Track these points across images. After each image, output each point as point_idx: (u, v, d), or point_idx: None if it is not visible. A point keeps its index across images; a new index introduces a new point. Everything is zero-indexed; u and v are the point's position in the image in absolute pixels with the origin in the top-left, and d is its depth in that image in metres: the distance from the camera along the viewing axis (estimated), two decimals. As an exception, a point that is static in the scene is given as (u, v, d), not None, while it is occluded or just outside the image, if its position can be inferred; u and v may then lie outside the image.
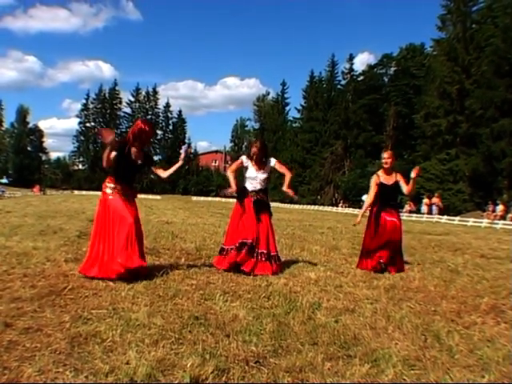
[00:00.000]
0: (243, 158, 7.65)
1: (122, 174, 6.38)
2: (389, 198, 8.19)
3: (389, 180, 8.18)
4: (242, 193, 7.47)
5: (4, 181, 60.19)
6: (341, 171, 76.76)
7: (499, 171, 43.55)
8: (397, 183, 8.18)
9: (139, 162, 6.46)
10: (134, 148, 6.37)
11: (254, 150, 7.53)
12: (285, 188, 7.61)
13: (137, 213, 6.40)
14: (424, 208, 40.99)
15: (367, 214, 8.39)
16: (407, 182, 8.18)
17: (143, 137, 6.40)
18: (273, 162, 7.61)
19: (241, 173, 7.84)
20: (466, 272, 8.20)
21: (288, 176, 7.67)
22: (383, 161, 8.26)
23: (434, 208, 39.65)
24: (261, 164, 7.53)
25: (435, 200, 40.29)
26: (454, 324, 4.75)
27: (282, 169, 7.66)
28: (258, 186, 7.49)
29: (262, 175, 7.50)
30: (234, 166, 7.83)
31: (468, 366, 3.59)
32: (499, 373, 3.46)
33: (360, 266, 8.14)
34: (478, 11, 53.62)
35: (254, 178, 7.47)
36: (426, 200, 41.58)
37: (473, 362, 3.67)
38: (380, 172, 8.31)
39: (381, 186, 8.15)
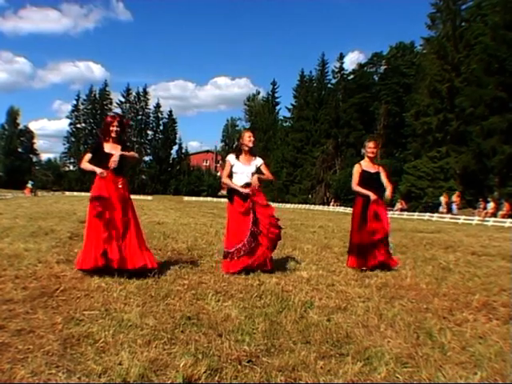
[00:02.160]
0: (229, 158, 7.51)
1: (104, 168, 6.54)
2: (373, 186, 7.96)
3: (371, 168, 8.09)
4: (232, 192, 7.39)
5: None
6: (332, 170, 76.83)
7: (490, 169, 43.69)
8: (379, 173, 8.10)
9: (114, 152, 6.63)
10: (106, 143, 6.71)
11: (249, 139, 7.42)
12: (256, 176, 7.38)
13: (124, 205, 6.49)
14: (443, 207, 38.08)
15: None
16: (388, 178, 8.17)
17: (110, 128, 6.70)
18: (260, 161, 7.54)
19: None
20: (457, 269, 8.24)
21: (268, 176, 7.63)
22: (368, 150, 8.14)
23: (455, 207, 37.37)
24: (250, 156, 7.47)
25: (455, 199, 38.30)
26: (446, 321, 4.77)
27: (266, 171, 7.61)
28: (246, 180, 7.34)
29: (251, 169, 7.39)
30: (227, 171, 7.54)
31: (460, 362, 3.61)
32: (491, 369, 3.47)
33: (351, 264, 8.07)
34: (467, 9, 53.78)
35: (242, 173, 7.36)
36: (444, 198, 39.07)
37: (465, 358, 3.69)
38: (362, 161, 8.21)
39: (364, 173, 8.03)
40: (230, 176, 7.53)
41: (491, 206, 34.51)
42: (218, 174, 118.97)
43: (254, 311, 4.82)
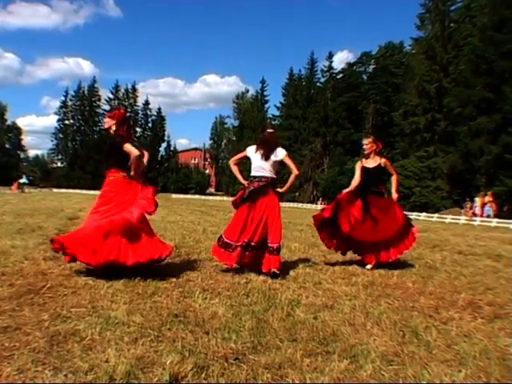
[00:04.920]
0: (250, 149, 7.30)
1: (125, 165, 6.54)
2: (370, 182, 8.11)
3: (371, 163, 8.17)
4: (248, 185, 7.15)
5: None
6: (320, 169, 77.11)
7: (477, 168, 44.05)
8: (379, 167, 8.15)
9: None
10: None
11: (270, 135, 7.34)
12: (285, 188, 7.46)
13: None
14: (478, 209, 33.10)
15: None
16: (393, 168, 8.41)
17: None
18: (282, 153, 7.32)
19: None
20: (443, 268, 8.28)
21: (293, 172, 7.49)
22: (363, 147, 8.28)
23: (488, 209, 32.50)
24: (269, 152, 7.20)
25: (489, 199, 33.25)
26: (432, 319, 4.79)
27: (290, 163, 7.44)
28: (267, 174, 7.17)
29: (267, 163, 7.16)
30: (238, 156, 7.51)
31: (445, 360, 3.63)
32: (476, 367, 3.50)
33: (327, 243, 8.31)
34: (456, 10, 54.27)
35: (260, 167, 7.17)
36: (479, 199, 33.73)
37: (450, 356, 3.71)
38: (363, 159, 8.36)
39: (363, 169, 8.16)
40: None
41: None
42: (207, 171, 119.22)
43: (240, 309, 4.82)
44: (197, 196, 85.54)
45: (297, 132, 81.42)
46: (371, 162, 8.20)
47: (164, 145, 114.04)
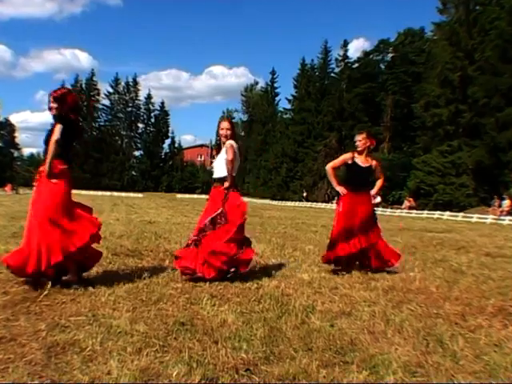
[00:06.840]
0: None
1: (69, 152, 6.30)
2: (361, 180, 8.21)
3: (363, 162, 8.18)
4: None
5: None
6: (335, 165, 76.80)
7: (505, 163, 43.73)
8: (370, 168, 8.22)
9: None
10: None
11: (221, 131, 7.02)
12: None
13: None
14: None
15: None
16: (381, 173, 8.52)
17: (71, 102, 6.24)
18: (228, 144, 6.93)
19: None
20: (470, 272, 8.24)
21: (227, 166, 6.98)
22: (358, 143, 8.23)
23: None
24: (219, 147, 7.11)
25: None
26: (458, 327, 4.77)
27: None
28: (215, 175, 7.04)
29: (217, 161, 7.03)
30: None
31: (474, 372, 3.60)
32: (507, 379, 3.47)
33: (324, 259, 8.16)
34: (481, -9, 53.80)
35: (214, 167, 7.11)
36: None
37: (479, 367, 3.69)
38: (356, 153, 8.29)
39: (355, 166, 8.17)
40: None
41: (507, 203, 34.49)
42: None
43: (252, 316, 4.82)
44: (203, 196, 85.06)
45: (310, 126, 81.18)
46: (364, 161, 8.21)
47: (168, 141, 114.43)
